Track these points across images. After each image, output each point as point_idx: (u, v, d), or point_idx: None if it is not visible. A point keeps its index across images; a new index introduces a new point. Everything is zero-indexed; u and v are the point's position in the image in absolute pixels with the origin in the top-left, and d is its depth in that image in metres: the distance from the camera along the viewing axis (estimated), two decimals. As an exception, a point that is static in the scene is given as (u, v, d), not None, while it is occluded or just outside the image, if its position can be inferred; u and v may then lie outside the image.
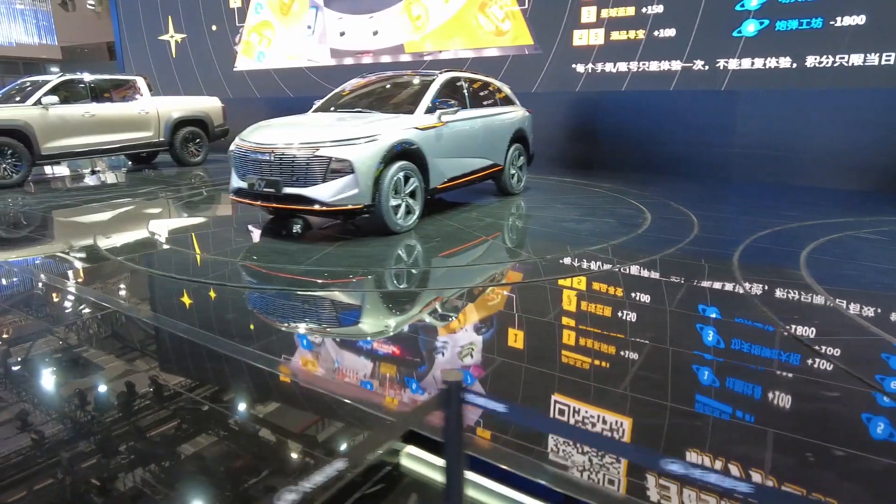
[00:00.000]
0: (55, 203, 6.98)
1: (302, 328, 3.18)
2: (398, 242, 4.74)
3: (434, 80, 5.62)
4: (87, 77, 9.16)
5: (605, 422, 2.19)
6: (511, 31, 9.73)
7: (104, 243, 4.95)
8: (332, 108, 5.74)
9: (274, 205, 4.69)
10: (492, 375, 2.58)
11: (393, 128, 4.79)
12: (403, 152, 4.82)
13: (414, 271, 4.14)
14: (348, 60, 11.45)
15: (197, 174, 9.75)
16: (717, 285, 3.67)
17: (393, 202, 4.78)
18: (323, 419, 2.32)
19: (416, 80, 5.80)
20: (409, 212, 5.00)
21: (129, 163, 11.08)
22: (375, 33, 11.04)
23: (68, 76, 8.92)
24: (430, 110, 5.30)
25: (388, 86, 6.02)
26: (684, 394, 2.37)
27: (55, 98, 8.39)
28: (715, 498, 1.76)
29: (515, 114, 6.79)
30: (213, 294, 3.69)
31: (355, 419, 2.26)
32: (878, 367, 2.61)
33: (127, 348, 3.01)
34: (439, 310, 3.38)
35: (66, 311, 3.63)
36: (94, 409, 2.41)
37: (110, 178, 9.46)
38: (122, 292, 3.89)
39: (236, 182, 4.94)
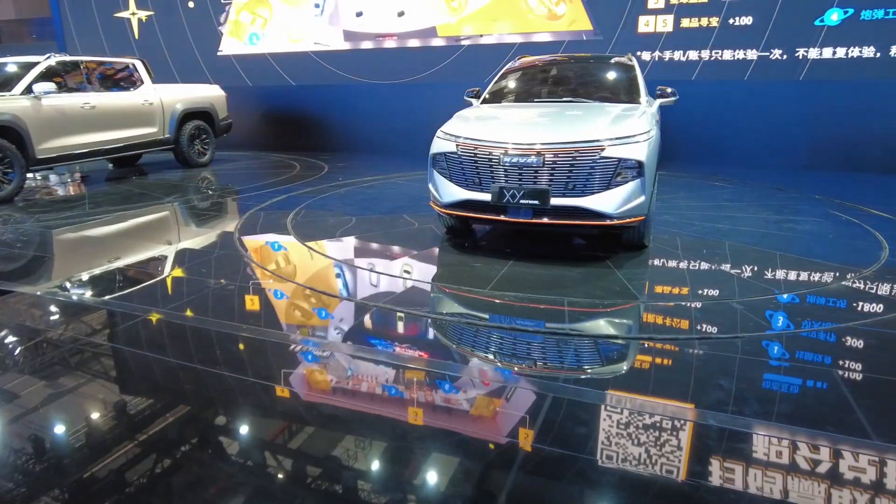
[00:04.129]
0: (100, 219, 5.31)
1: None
2: (657, 258, 3.97)
3: (633, 63, 4.87)
4: (82, 59, 7.25)
5: None
6: (566, 14, 9.07)
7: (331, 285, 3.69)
8: (524, 99, 4.76)
9: (534, 221, 3.64)
10: None
11: (650, 121, 3.97)
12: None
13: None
14: (366, 45, 10.18)
15: (205, 177, 8.18)
16: None
17: (650, 210, 3.99)
18: None
19: (602, 64, 5.01)
20: (649, 220, 4.23)
21: (110, 166, 9.06)
22: (401, 14, 9.88)
23: (60, 57, 6.99)
24: (649, 100, 4.54)
25: (569, 73, 5.12)
26: None
27: (51, 85, 6.50)
28: None
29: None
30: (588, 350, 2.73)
31: None
32: None
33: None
34: None
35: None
36: None
37: (118, 185, 7.60)
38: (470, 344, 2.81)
39: (457, 192, 3.80)
